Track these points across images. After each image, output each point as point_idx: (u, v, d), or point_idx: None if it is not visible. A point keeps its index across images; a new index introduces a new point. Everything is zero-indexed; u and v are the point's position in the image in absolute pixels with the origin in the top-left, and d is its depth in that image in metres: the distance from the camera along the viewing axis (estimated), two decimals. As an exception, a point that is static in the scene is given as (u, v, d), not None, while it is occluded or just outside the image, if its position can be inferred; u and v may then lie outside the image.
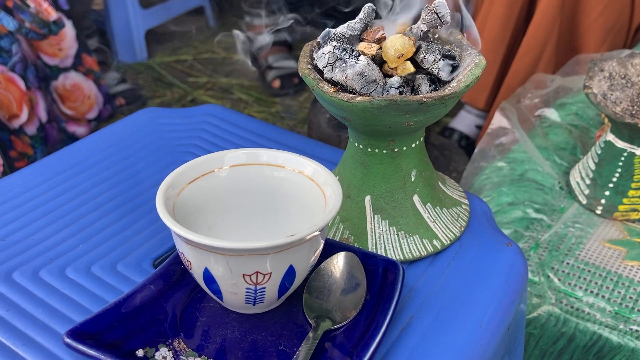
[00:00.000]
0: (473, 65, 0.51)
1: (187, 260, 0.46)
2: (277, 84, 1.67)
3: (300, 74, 0.52)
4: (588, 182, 0.83)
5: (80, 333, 0.45)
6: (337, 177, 0.57)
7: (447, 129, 1.44)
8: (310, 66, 0.52)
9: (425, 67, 0.52)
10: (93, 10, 1.80)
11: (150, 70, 1.81)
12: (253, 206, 0.53)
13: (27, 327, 0.49)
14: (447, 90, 0.49)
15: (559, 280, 0.75)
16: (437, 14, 0.51)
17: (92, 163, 0.69)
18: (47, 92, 1.36)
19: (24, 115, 1.26)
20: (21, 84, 1.25)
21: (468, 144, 1.40)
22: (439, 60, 0.51)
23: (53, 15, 1.22)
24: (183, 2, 1.96)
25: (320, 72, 0.52)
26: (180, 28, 2.01)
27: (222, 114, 0.77)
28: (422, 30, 0.52)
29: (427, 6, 0.52)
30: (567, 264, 0.76)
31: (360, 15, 0.53)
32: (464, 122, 1.42)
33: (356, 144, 0.56)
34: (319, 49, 0.54)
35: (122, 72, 1.74)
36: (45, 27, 1.20)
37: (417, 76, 0.52)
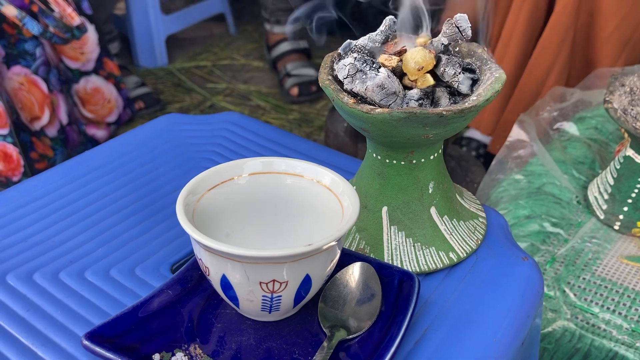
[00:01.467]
0: (493, 79, 0.51)
1: (205, 267, 0.46)
2: (295, 91, 1.68)
3: (320, 84, 0.53)
4: (606, 197, 0.82)
5: (98, 336, 0.46)
6: (355, 188, 0.58)
7: (463, 138, 1.44)
8: (330, 77, 0.53)
9: (445, 80, 0.52)
10: (115, 15, 1.83)
11: (170, 75, 1.83)
12: (271, 214, 0.53)
13: (46, 328, 0.50)
14: (467, 103, 0.49)
15: (575, 295, 0.74)
16: (458, 27, 0.52)
17: (112, 167, 0.70)
18: (69, 95, 1.38)
19: (45, 118, 1.28)
20: (43, 86, 1.27)
21: (487, 152, 1.40)
22: (459, 73, 0.51)
23: (76, 20, 1.24)
24: (204, 8, 1.97)
25: (340, 83, 0.53)
26: (200, 34, 2.02)
27: (242, 121, 0.78)
28: (442, 44, 0.53)
29: (449, 20, 0.52)
30: (584, 279, 0.76)
31: (381, 28, 0.54)
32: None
33: (374, 155, 0.56)
34: (339, 60, 0.54)
35: (141, 77, 1.76)
36: (69, 31, 1.21)
37: (437, 89, 0.52)
